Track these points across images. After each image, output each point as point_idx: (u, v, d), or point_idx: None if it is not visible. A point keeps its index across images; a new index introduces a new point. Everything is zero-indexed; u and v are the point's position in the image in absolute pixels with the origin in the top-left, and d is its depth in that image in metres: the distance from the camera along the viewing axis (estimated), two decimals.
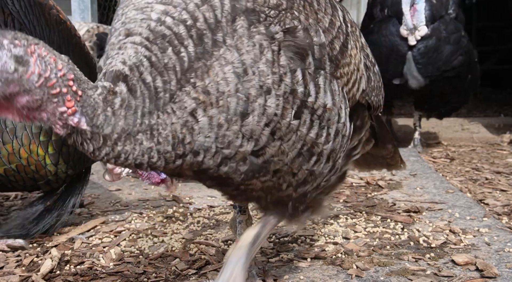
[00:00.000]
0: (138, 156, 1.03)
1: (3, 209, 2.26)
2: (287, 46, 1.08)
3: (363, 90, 1.31)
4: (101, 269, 1.60)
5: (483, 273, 1.49)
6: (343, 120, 1.19)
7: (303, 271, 1.55)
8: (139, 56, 1.03)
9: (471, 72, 3.61)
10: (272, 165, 1.11)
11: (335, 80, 1.17)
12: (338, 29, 1.20)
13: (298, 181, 1.18)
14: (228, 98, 1.03)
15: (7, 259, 1.68)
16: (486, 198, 2.36)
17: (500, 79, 8.53)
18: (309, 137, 1.12)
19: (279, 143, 1.09)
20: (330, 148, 1.17)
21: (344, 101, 1.20)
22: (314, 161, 1.16)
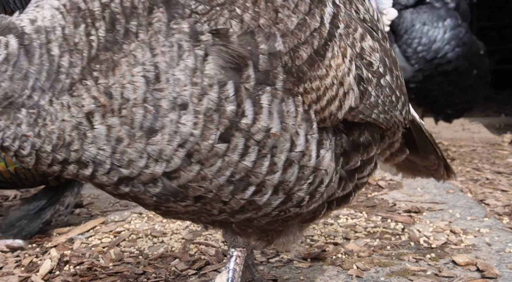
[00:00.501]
0: (7, 138, 0.86)
1: (2, 209, 2.26)
2: (218, 52, 0.87)
3: (352, 108, 1.05)
4: (100, 269, 1.59)
5: (483, 274, 1.48)
6: (300, 149, 0.96)
7: (303, 272, 1.55)
8: (54, 21, 0.86)
9: (476, 67, 3.23)
10: (191, 190, 0.93)
11: (292, 98, 0.94)
12: (312, 33, 0.96)
13: (233, 209, 1.00)
14: (133, 108, 0.85)
15: (7, 259, 1.68)
16: (486, 198, 2.36)
17: (500, 79, 8.53)
18: (242, 165, 0.92)
19: (198, 168, 0.90)
20: (277, 180, 0.96)
21: (305, 124, 0.96)
22: (253, 192, 0.97)
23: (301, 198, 1.03)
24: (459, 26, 3.04)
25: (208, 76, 0.86)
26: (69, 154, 0.87)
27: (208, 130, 0.88)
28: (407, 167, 1.57)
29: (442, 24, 2.97)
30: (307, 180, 1.01)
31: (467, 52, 3.08)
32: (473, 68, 3.18)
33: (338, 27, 1.02)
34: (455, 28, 3.01)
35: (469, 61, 3.12)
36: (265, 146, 0.93)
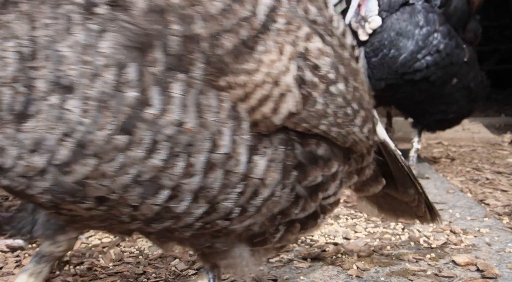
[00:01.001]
0: None
1: (2, 209, 2.26)
2: (117, 28, 0.75)
3: (292, 114, 0.92)
4: (100, 269, 1.59)
5: (483, 274, 1.48)
6: (224, 150, 0.84)
7: (303, 272, 1.55)
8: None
9: (457, 76, 2.78)
10: (90, 189, 0.80)
11: (215, 92, 0.83)
12: (240, 21, 0.84)
13: (146, 216, 0.87)
14: (1, 87, 0.74)
15: (7, 259, 1.68)
16: (486, 198, 2.36)
17: (500, 79, 8.52)
18: (150, 163, 0.79)
19: (95, 162, 0.78)
20: (197, 185, 0.84)
21: (232, 123, 0.84)
22: (167, 197, 0.84)
23: (228, 210, 0.89)
24: (435, 31, 2.64)
25: (104, 55, 0.75)
26: None
27: (104, 118, 0.76)
28: (388, 205, 1.48)
29: (417, 32, 2.62)
30: (234, 189, 0.88)
31: (442, 60, 2.66)
32: (451, 77, 2.76)
33: (276, 21, 0.91)
34: (429, 35, 2.63)
35: (445, 69, 2.69)
36: (178, 143, 0.80)
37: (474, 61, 2.91)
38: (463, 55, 2.77)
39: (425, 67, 2.62)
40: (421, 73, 2.63)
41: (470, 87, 2.87)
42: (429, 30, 2.63)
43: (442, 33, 2.65)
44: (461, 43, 2.77)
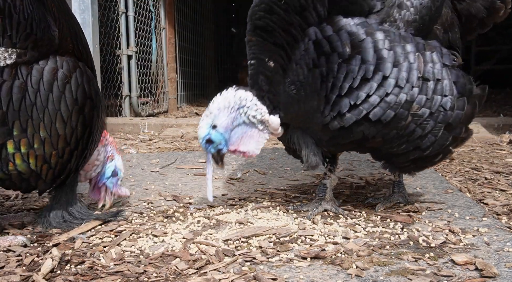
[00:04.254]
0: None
1: (3, 209, 2.27)
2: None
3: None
4: (101, 268, 1.60)
5: (482, 273, 1.49)
6: None
7: (303, 271, 1.56)
8: None
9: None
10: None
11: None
12: None
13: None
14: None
15: (8, 258, 1.69)
16: (485, 198, 2.37)
17: (499, 79, 8.53)
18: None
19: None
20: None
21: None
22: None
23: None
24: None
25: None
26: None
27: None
28: None
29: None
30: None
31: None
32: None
33: None
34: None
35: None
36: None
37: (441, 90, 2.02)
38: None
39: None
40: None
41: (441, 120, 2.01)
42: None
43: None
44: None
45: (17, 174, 1.79)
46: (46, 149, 1.78)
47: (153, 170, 3.08)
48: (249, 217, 2.07)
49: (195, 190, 2.57)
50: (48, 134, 1.77)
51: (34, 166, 1.79)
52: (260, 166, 3.12)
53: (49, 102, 1.75)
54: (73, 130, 1.82)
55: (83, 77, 1.84)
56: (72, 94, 1.79)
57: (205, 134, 2.01)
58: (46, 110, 1.74)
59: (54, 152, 1.80)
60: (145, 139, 4.63)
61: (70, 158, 1.87)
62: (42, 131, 1.76)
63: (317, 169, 3.00)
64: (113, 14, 5.94)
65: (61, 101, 1.77)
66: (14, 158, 1.75)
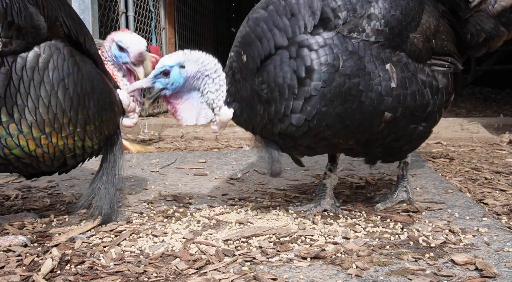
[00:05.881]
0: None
1: (3, 209, 2.27)
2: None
3: None
4: (101, 268, 1.60)
5: (482, 273, 1.49)
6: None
7: (303, 271, 1.56)
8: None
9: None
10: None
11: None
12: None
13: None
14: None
15: (8, 258, 1.69)
16: (485, 198, 2.37)
17: (499, 79, 8.52)
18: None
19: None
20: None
21: None
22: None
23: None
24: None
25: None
26: None
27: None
28: None
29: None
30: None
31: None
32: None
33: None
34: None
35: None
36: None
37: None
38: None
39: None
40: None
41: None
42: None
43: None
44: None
45: (16, 158, 1.81)
46: (34, 133, 1.79)
47: (153, 170, 3.08)
48: (249, 217, 2.07)
49: (195, 190, 2.57)
50: (34, 119, 1.77)
51: (27, 150, 1.80)
52: (260, 166, 3.12)
53: (31, 88, 1.76)
54: (55, 115, 1.80)
55: (58, 59, 1.81)
56: (50, 79, 1.78)
57: (170, 64, 1.94)
58: (29, 96, 1.75)
59: (43, 136, 1.80)
60: (145, 139, 4.63)
61: (66, 141, 1.86)
62: (28, 116, 1.76)
63: (317, 170, 3.00)
64: (113, 14, 5.94)
65: (41, 86, 1.77)
66: (7, 143, 1.77)
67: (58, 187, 2.64)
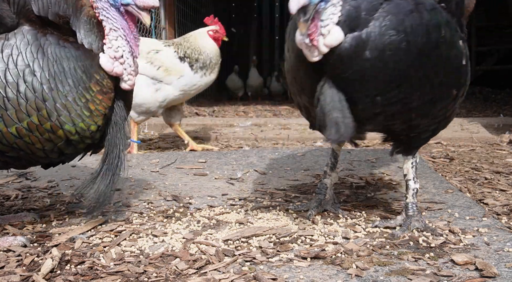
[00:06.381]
0: None
1: (3, 209, 2.27)
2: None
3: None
4: (101, 268, 1.60)
5: (482, 273, 1.49)
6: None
7: (303, 271, 1.56)
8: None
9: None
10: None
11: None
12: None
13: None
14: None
15: (8, 258, 1.69)
16: (485, 198, 2.37)
17: (499, 79, 8.52)
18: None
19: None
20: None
21: None
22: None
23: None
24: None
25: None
26: None
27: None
28: None
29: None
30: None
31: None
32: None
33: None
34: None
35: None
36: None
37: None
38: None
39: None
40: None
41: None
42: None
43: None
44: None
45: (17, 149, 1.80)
46: (7, 125, 1.75)
47: (153, 170, 3.08)
48: (249, 217, 2.07)
49: (195, 190, 2.57)
50: (3, 108, 1.74)
51: (6, 142, 1.76)
52: (260, 166, 3.12)
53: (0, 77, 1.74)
54: (26, 101, 1.75)
55: (21, 43, 1.77)
56: (15, 64, 1.75)
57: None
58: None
59: (21, 127, 1.76)
60: (145, 139, 4.63)
61: (51, 129, 1.79)
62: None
63: (317, 170, 3.00)
64: None
65: (6, 73, 1.74)
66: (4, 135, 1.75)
67: (58, 187, 2.64)
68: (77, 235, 1.89)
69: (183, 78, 3.72)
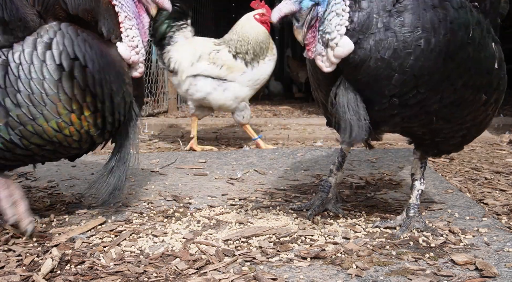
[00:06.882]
0: None
1: None
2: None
3: None
4: (101, 268, 1.60)
5: (482, 273, 1.49)
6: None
7: (303, 271, 1.56)
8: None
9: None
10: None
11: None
12: None
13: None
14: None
15: (8, 258, 1.69)
16: (485, 198, 2.37)
17: None
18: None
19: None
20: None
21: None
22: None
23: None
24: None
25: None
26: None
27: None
28: None
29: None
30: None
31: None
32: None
33: None
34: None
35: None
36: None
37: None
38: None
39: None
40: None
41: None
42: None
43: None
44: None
45: (37, 147, 1.81)
46: (48, 119, 1.77)
47: (153, 170, 3.08)
48: (249, 217, 2.07)
49: (195, 190, 2.56)
50: (43, 105, 1.75)
51: (47, 136, 1.79)
52: (260, 166, 3.12)
53: (32, 73, 1.74)
54: (71, 97, 1.77)
55: (64, 39, 1.78)
56: (55, 60, 1.76)
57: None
58: (31, 82, 1.73)
59: (60, 121, 1.78)
60: (145, 139, 4.63)
61: (92, 120, 1.84)
62: (36, 101, 1.74)
63: (317, 170, 3.00)
64: None
65: (43, 69, 1.74)
66: (21, 133, 1.76)
67: (58, 187, 2.64)
68: (77, 235, 1.89)
69: (246, 74, 3.81)
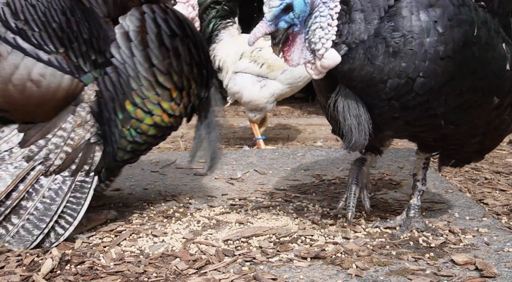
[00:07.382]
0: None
1: None
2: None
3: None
4: (101, 268, 1.60)
5: (482, 273, 1.49)
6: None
7: (303, 271, 1.56)
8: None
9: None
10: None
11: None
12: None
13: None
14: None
15: (8, 258, 1.69)
16: (485, 198, 2.37)
17: None
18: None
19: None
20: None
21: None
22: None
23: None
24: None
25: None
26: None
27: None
28: None
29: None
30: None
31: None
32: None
33: None
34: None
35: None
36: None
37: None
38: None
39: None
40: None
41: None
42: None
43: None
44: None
45: (153, 138, 1.95)
46: (164, 106, 1.88)
47: (153, 170, 3.08)
48: (249, 217, 2.07)
49: (195, 190, 2.56)
50: (154, 94, 1.85)
51: (163, 123, 1.92)
52: (260, 166, 3.12)
53: (138, 65, 1.79)
54: (176, 78, 1.87)
55: (156, 20, 1.83)
56: (157, 44, 1.81)
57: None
58: (140, 74, 1.80)
59: (173, 103, 1.91)
60: None
61: (189, 98, 1.98)
62: (148, 94, 1.84)
63: (317, 170, 3.00)
64: None
65: (152, 57, 1.81)
66: (142, 129, 1.87)
67: None
68: (77, 235, 1.89)
69: (287, 72, 3.78)
